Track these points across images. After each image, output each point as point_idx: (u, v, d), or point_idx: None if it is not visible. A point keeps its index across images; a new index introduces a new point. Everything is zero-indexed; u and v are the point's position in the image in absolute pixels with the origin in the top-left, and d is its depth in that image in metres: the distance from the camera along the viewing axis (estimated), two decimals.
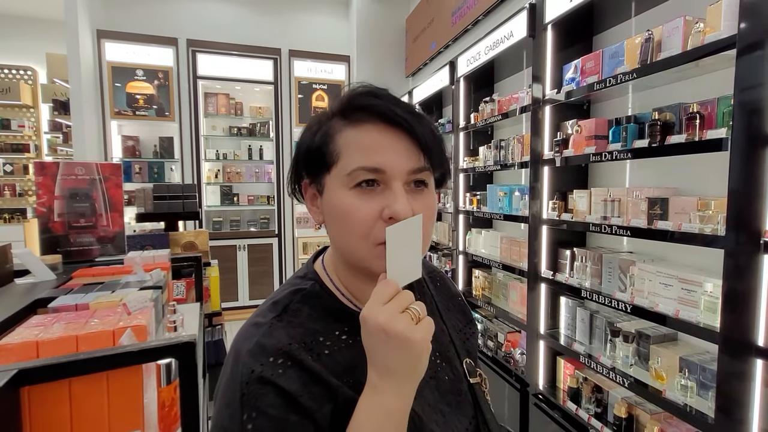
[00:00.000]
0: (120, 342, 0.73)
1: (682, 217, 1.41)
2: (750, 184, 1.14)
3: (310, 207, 0.56)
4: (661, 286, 1.50)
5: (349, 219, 0.49)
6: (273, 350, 0.48)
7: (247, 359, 0.47)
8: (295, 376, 0.47)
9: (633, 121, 1.65)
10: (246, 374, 0.46)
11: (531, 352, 2.16)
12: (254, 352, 0.47)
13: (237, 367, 0.47)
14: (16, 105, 5.38)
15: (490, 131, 3.00)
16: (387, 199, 0.48)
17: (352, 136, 0.50)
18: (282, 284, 0.59)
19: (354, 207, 0.48)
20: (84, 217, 1.57)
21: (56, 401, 0.63)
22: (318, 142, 0.51)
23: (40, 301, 0.97)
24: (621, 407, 1.62)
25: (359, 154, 0.49)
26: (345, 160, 0.49)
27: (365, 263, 0.50)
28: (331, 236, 0.54)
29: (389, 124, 0.49)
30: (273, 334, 0.49)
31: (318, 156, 0.51)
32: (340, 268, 0.57)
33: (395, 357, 0.44)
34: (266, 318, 0.51)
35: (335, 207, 0.50)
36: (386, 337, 0.44)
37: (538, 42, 2.07)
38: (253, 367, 0.46)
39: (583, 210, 1.87)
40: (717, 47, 1.24)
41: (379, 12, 4.78)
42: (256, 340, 0.49)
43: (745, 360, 1.17)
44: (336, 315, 0.54)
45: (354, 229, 0.49)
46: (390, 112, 0.49)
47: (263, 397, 0.45)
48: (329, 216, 0.52)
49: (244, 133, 4.64)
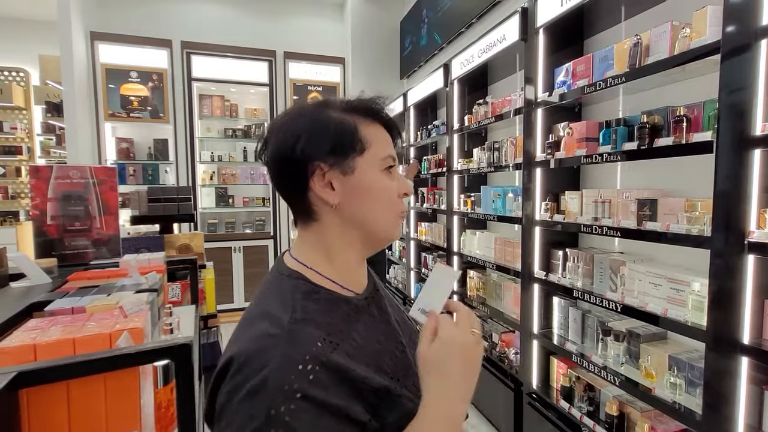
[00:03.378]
0: (117, 344, 0.73)
1: (671, 218, 1.44)
2: (735, 185, 1.17)
3: (320, 190, 0.57)
4: (650, 285, 1.53)
5: (386, 194, 0.60)
6: (301, 358, 0.47)
7: (276, 374, 0.46)
8: (325, 378, 0.47)
9: (623, 124, 1.68)
10: (275, 390, 0.45)
11: (525, 352, 2.18)
12: (282, 366, 0.46)
13: (264, 383, 0.45)
14: (8, 107, 5.34)
15: (484, 133, 3.02)
16: (396, 179, 0.62)
17: (373, 130, 0.60)
18: (264, 289, 0.59)
19: (388, 185, 0.60)
20: (78, 221, 1.58)
21: (54, 403, 0.64)
22: (348, 126, 0.58)
23: (36, 305, 0.98)
24: (612, 405, 1.65)
25: (384, 144, 0.61)
26: (375, 147, 0.59)
27: (388, 231, 0.61)
28: (356, 211, 0.59)
29: (388, 127, 0.63)
30: (296, 338, 0.49)
31: (351, 139, 0.57)
32: (334, 252, 0.60)
33: (470, 367, 0.53)
34: (282, 322, 0.51)
35: (372, 184, 0.59)
36: (465, 352, 0.52)
37: (530, 45, 2.10)
38: (283, 383, 0.45)
39: (575, 211, 1.89)
40: (702, 52, 1.27)
41: (374, 14, 4.81)
42: (281, 351, 0.47)
43: (731, 357, 1.19)
44: (336, 303, 0.57)
45: (388, 202, 0.60)
46: (391, 120, 0.63)
47: (295, 413, 0.44)
48: (361, 192, 0.58)
49: (239, 135, 4.64)
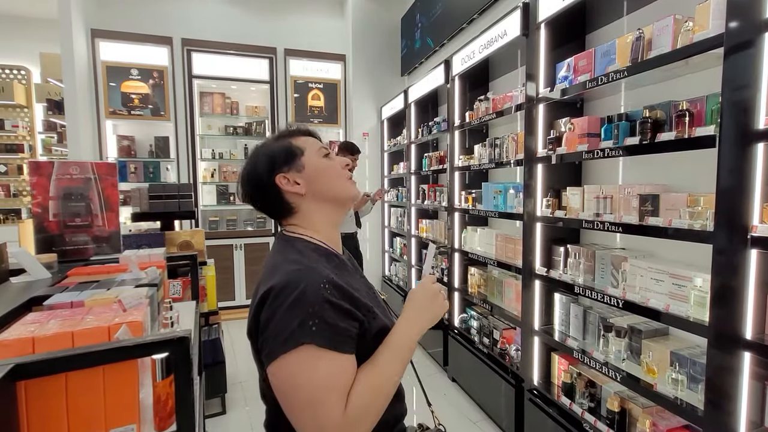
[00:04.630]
0: (115, 338, 0.73)
1: (673, 213, 1.43)
2: (738, 180, 1.16)
3: (290, 189, 0.83)
4: (652, 281, 1.52)
5: (332, 169, 0.86)
6: (321, 280, 0.70)
7: (311, 289, 0.68)
8: (337, 293, 0.70)
9: (625, 119, 1.67)
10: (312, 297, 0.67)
11: (526, 349, 2.18)
12: (312, 284, 0.68)
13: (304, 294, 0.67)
14: (9, 105, 5.35)
15: (485, 129, 3.01)
16: (334, 159, 0.88)
17: (301, 139, 0.88)
18: (278, 249, 0.81)
19: (330, 163, 0.86)
20: (79, 217, 1.57)
21: (53, 395, 0.64)
22: (285, 145, 0.85)
23: (36, 299, 0.98)
24: (614, 401, 1.64)
25: (314, 144, 0.88)
26: (310, 147, 0.86)
27: (347, 191, 0.87)
28: (320, 188, 0.84)
29: (310, 135, 0.91)
30: (315, 270, 0.71)
31: (291, 151, 0.84)
32: (317, 226, 0.85)
33: (435, 308, 0.80)
34: (302, 263, 0.73)
35: (319, 167, 0.84)
36: (434, 297, 0.80)
37: (532, 41, 2.09)
38: (316, 293, 0.68)
39: (577, 207, 1.89)
40: (705, 46, 1.26)
41: (374, 11, 4.79)
42: (308, 277, 0.69)
43: (734, 353, 1.19)
44: (330, 255, 0.82)
45: (337, 173, 0.86)
46: (308, 130, 0.91)
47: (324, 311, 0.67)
48: (318, 176, 0.84)
49: (240, 132, 4.64)
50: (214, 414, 2.56)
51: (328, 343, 0.66)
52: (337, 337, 0.67)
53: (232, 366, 3.09)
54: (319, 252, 0.80)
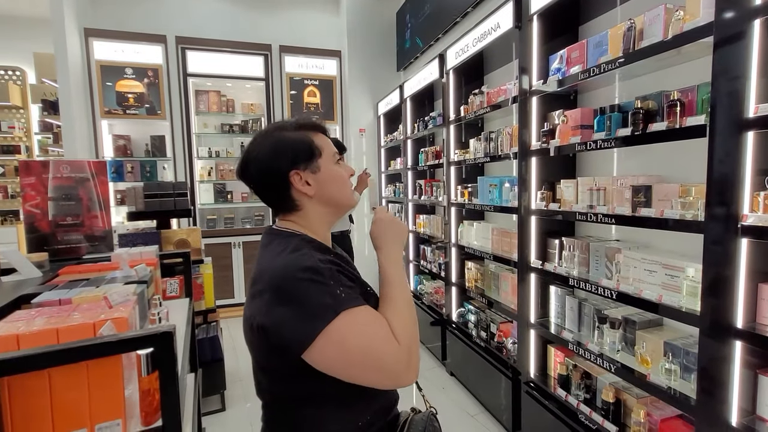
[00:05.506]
0: (99, 333, 0.73)
1: (665, 204, 1.42)
2: (729, 169, 1.15)
3: (301, 188, 0.83)
4: (645, 272, 1.52)
5: (344, 178, 0.88)
6: (319, 258, 0.75)
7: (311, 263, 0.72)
8: (336, 266, 0.76)
9: (617, 110, 1.66)
10: (315, 265, 0.72)
11: (522, 341, 2.18)
12: (313, 260, 0.73)
13: (319, 267, 0.72)
14: (5, 106, 5.33)
15: (480, 123, 3.00)
16: (343, 166, 0.90)
17: (320, 138, 0.87)
18: (272, 244, 0.83)
19: (340, 171, 0.88)
20: (71, 216, 1.57)
21: (36, 392, 0.64)
22: (308, 142, 0.84)
23: (25, 297, 0.98)
24: (609, 392, 1.65)
25: (329, 145, 0.88)
26: (327, 150, 0.86)
27: (351, 200, 0.90)
28: (328, 195, 0.85)
29: (324, 133, 0.90)
30: (312, 254, 0.75)
31: (311, 150, 0.84)
32: (314, 226, 0.87)
33: (399, 231, 0.89)
34: (300, 250, 0.76)
35: (332, 174, 0.86)
36: (392, 221, 0.89)
37: (525, 33, 2.07)
38: (319, 263, 0.73)
39: (570, 199, 1.88)
40: (696, 35, 1.25)
41: (370, 6, 4.76)
42: (308, 257, 0.74)
43: (725, 342, 1.19)
44: (322, 250, 0.82)
45: (344, 182, 0.88)
46: (326, 129, 0.92)
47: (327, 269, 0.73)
48: (329, 181, 0.85)
49: (236, 130, 4.62)
50: (214, 411, 2.58)
51: (356, 302, 0.72)
52: (358, 295, 0.75)
53: (231, 364, 3.10)
54: (313, 245, 0.82)
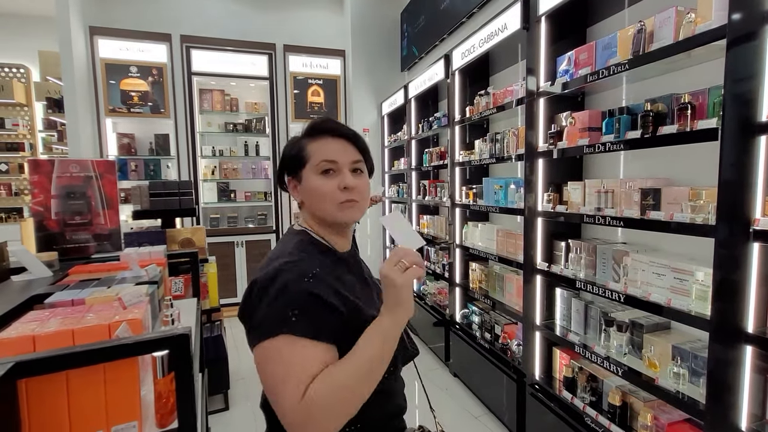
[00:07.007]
0: (115, 335, 0.73)
1: (674, 207, 1.42)
2: (740, 173, 1.15)
3: (293, 193, 0.85)
4: (654, 275, 1.52)
5: (321, 191, 0.80)
6: (307, 274, 0.72)
7: (293, 282, 0.70)
8: (323, 287, 0.72)
9: (626, 113, 1.65)
10: (294, 289, 0.69)
11: (527, 343, 2.18)
12: (297, 278, 0.71)
13: (286, 287, 0.70)
14: (9, 103, 5.34)
15: (485, 124, 3.00)
16: (340, 177, 0.80)
17: (317, 144, 0.82)
18: (283, 239, 0.85)
19: (323, 184, 0.80)
20: (79, 215, 1.58)
21: (54, 393, 0.64)
22: (295, 152, 0.83)
23: (37, 297, 0.98)
24: (615, 395, 1.65)
25: (322, 153, 0.80)
26: (313, 158, 0.81)
27: (333, 217, 0.81)
28: (310, 206, 0.83)
29: (338, 136, 0.82)
30: (303, 265, 0.73)
31: (296, 160, 0.82)
32: (316, 227, 0.85)
33: (390, 293, 0.69)
34: (294, 257, 0.75)
35: (311, 186, 0.80)
36: (383, 280, 0.70)
37: (532, 34, 2.07)
38: (298, 286, 0.70)
39: (578, 202, 1.88)
40: (708, 37, 1.24)
41: (374, 6, 4.76)
42: (294, 271, 0.72)
43: (735, 347, 1.18)
44: (326, 252, 0.82)
45: (324, 196, 0.80)
46: (338, 128, 0.83)
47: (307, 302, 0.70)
48: (307, 193, 0.82)
49: (240, 129, 4.63)
50: (218, 410, 2.58)
51: (307, 333, 0.68)
52: (317, 327, 0.69)
53: (235, 363, 3.11)
54: (317, 246, 0.82)
